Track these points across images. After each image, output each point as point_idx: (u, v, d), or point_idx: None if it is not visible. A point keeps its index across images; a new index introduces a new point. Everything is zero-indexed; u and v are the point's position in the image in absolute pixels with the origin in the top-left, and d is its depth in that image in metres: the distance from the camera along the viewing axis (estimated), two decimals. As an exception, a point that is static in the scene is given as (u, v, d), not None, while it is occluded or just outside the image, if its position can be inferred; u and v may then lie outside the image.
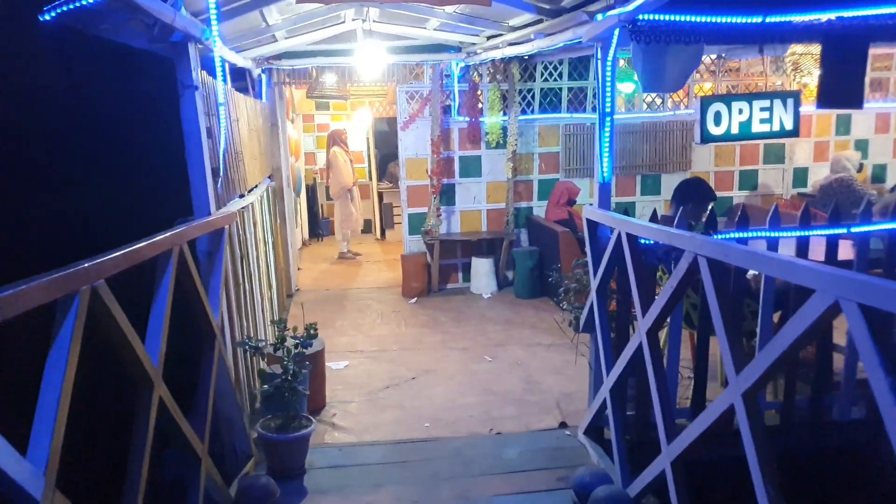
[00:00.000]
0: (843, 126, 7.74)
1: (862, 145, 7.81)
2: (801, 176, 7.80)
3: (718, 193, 7.81)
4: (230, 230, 3.50)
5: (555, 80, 7.11)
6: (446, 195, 7.06)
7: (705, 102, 3.45)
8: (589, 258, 3.49)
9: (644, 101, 7.45)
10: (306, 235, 10.17)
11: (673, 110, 7.42)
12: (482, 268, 6.99)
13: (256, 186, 5.33)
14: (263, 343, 3.63)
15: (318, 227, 10.59)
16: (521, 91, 6.96)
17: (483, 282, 7.00)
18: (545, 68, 7.07)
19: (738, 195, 7.67)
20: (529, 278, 6.76)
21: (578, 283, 3.84)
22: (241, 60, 5.31)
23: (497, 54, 5.63)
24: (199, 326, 2.75)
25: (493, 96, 6.94)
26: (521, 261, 6.77)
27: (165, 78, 3.06)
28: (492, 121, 6.98)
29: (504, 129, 7.03)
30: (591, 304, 3.44)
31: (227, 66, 4.88)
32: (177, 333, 2.51)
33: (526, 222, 7.32)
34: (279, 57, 6.47)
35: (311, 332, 3.57)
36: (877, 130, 7.81)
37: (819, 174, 7.82)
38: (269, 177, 6.52)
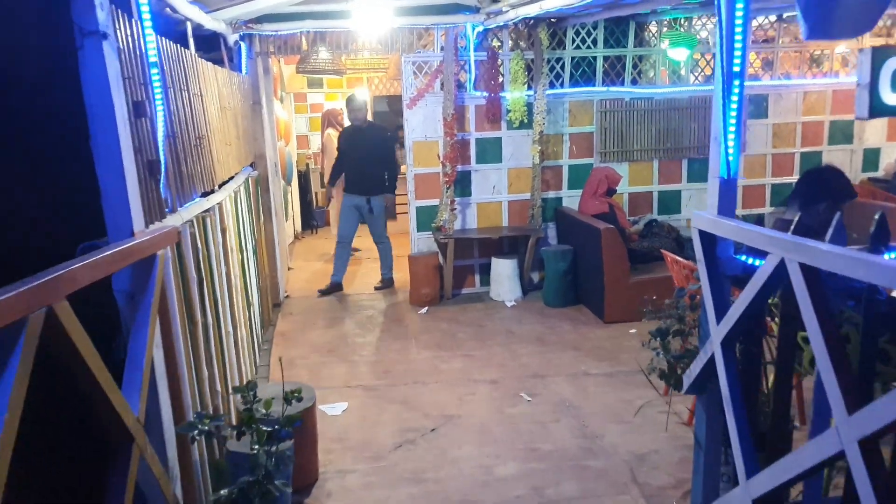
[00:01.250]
0: (920, 99, 6.64)
1: (940, 122, 6.72)
2: (871, 158, 6.72)
3: (776, 179, 6.77)
4: (177, 251, 2.44)
5: (588, 47, 6.00)
6: (461, 184, 5.99)
7: (879, 56, 2.34)
8: (705, 290, 2.42)
9: (692, 72, 6.34)
10: (299, 227, 9.10)
11: (725, 82, 6.30)
12: (504, 270, 5.93)
13: (232, 178, 4.25)
14: (223, 423, 2.53)
15: (313, 218, 9.52)
16: (548, 60, 5.85)
17: (505, 286, 5.95)
18: (577, 33, 5.95)
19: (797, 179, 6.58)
20: (562, 283, 5.70)
21: (680, 321, 2.77)
22: (209, 21, 4.20)
23: (532, 10, 4.47)
24: (103, 424, 1.70)
25: (515, 67, 5.83)
26: (551, 262, 5.71)
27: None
28: (514, 96, 5.88)
29: (529, 105, 5.93)
30: (709, 360, 2.38)
31: (189, 26, 3.79)
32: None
33: (555, 216, 6.25)
34: (260, 20, 5.34)
35: (295, 399, 2.50)
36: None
37: (893, 155, 6.74)
38: (252, 165, 5.43)
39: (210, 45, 4.97)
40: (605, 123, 6.16)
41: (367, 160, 6.10)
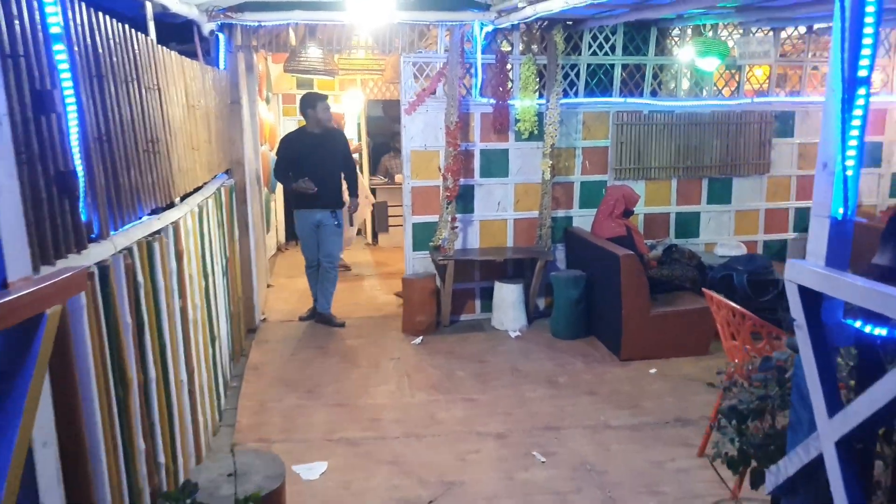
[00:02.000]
0: (957, 122, 6.17)
1: (977, 146, 6.24)
2: (900, 182, 6.23)
3: (800, 203, 6.24)
4: (103, 292, 1.81)
5: (605, 53, 5.44)
6: (462, 200, 5.40)
7: None
8: (808, 368, 1.83)
9: (716, 85, 5.81)
10: (282, 238, 8.46)
11: (751, 98, 5.79)
12: (509, 296, 5.33)
13: (200, 189, 3.64)
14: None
15: (298, 229, 8.89)
16: (562, 67, 5.28)
17: (510, 315, 5.35)
18: (594, 38, 5.40)
19: (825, 206, 6.06)
20: (573, 313, 5.11)
21: (760, 399, 2.19)
22: (175, 3, 3.58)
23: (553, 6, 3.88)
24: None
25: (526, 72, 5.26)
26: (561, 289, 5.12)
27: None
28: (524, 104, 5.30)
29: (540, 115, 5.36)
30: (813, 461, 1.78)
31: (149, 7, 3.16)
32: None
33: (564, 237, 5.67)
34: (241, 8, 4.73)
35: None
36: None
37: (924, 181, 6.25)
38: (227, 172, 4.82)
39: (184, 35, 4.36)
40: (622, 138, 5.60)
41: (332, 170, 5.29)
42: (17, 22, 1.50)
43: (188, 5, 3.91)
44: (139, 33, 2.58)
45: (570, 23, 5.27)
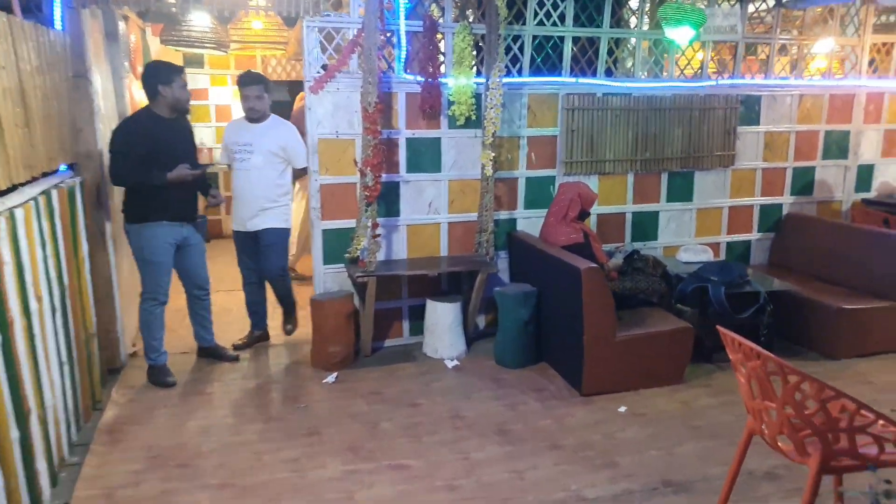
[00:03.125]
0: (920, 109, 5.70)
1: (938, 136, 5.81)
2: (865, 176, 5.70)
3: (767, 199, 5.60)
4: None
5: (554, 24, 4.56)
6: (386, 200, 4.39)
7: None
8: None
9: (678, 64, 5.05)
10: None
11: (716, 80, 5.07)
12: (444, 317, 4.38)
13: (13, 190, 2.48)
14: None
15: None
16: (504, 38, 4.35)
17: (445, 340, 4.40)
18: (540, 5, 4.50)
19: (787, 201, 5.46)
20: (521, 336, 4.22)
21: None
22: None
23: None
24: None
25: (461, 44, 4.30)
26: (508, 308, 4.22)
27: None
28: (459, 83, 4.35)
29: (478, 97, 4.42)
30: None
31: None
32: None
33: (508, 243, 4.77)
34: (82, -53, 3.52)
35: None
36: (957, 117, 5.83)
37: (888, 173, 5.75)
38: (71, 167, 3.63)
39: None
40: (573, 125, 4.74)
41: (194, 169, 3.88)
42: None
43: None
44: None
45: (513, -15, 4.36)
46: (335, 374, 4.13)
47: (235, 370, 4.22)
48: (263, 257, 4.36)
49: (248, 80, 4.22)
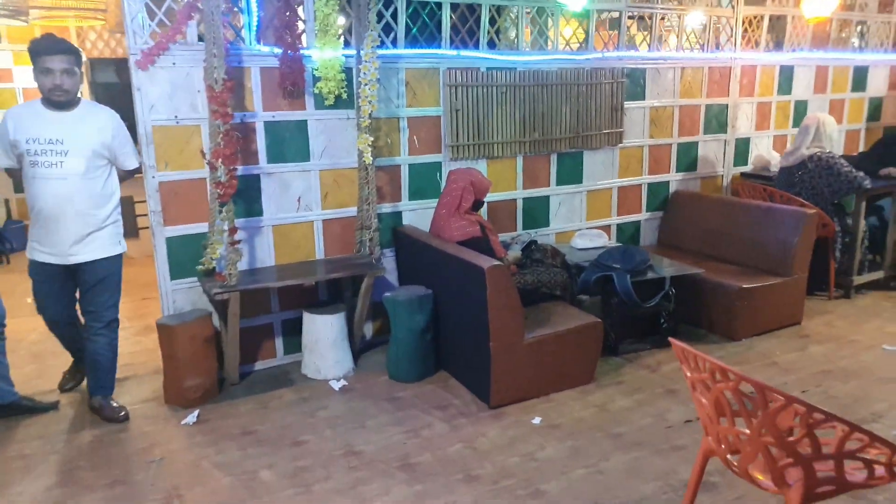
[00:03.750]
0: (786, 82, 5.79)
1: (801, 107, 5.95)
2: (742, 150, 5.72)
3: (652, 177, 5.44)
4: None
5: (429, -12, 4.03)
6: (245, 198, 3.67)
7: None
8: None
9: (563, 36, 4.70)
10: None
11: (602, 52, 4.78)
12: (326, 331, 3.75)
13: None
14: None
15: (5, 241, 6.36)
16: (374, 2, 3.74)
17: (329, 358, 3.77)
18: (413, -35, 3.95)
19: (674, 178, 5.34)
20: (418, 346, 3.69)
21: None
22: None
23: None
24: None
25: (324, 9, 3.64)
26: (401, 316, 3.67)
27: None
28: (325, 56, 3.69)
29: (348, 71, 3.79)
30: None
31: None
32: None
33: (394, 240, 4.21)
34: None
35: None
36: (816, 89, 6.01)
37: (761, 146, 5.82)
38: None
39: None
40: (456, 104, 4.25)
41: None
42: None
43: None
44: None
45: (382, -59, 3.76)
46: (196, 413, 3.38)
47: (60, 420, 3.34)
48: (89, 298, 3.25)
49: (48, 47, 2.99)
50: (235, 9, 3.53)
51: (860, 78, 6.22)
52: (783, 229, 4.38)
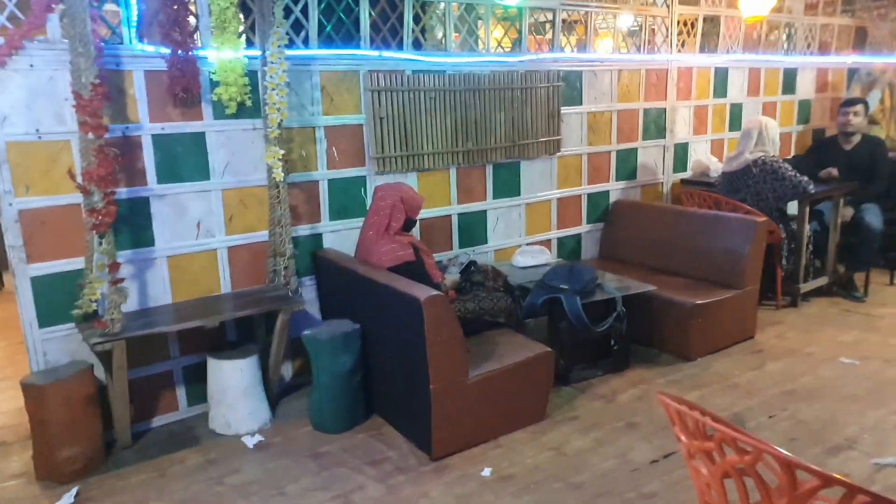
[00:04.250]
0: (721, 84, 5.63)
1: (736, 110, 5.82)
2: (681, 155, 5.51)
3: (592, 188, 5.14)
4: None
5: (345, -20, 3.56)
6: (130, 226, 3.08)
7: None
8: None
9: (495, 38, 4.32)
10: None
11: (536, 54, 4.44)
12: (235, 378, 3.19)
13: None
14: None
15: None
16: (281, -4, 3.24)
17: (240, 408, 3.22)
18: (325, -46, 3.47)
19: (615, 187, 5.06)
20: (346, 390, 3.19)
21: None
22: None
23: None
24: None
25: (221, 3, 3.11)
26: (323, 356, 3.16)
27: None
28: (224, 57, 3.16)
29: (251, 75, 3.27)
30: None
31: None
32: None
33: (313, 267, 3.70)
34: None
35: None
36: (749, 91, 5.89)
37: (699, 151, 5.63)
38: None
39: None
40: (380, 110, 3.79)
41: None
42: None
43: None
44: None
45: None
46: (74, 490, 2.77)
47: None
48: None
49: None
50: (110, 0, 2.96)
51: (790, 80, 6.16)
52: (732, 239, 4.13)
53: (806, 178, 4.48)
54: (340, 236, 3.75)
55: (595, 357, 3.86)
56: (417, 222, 3.87)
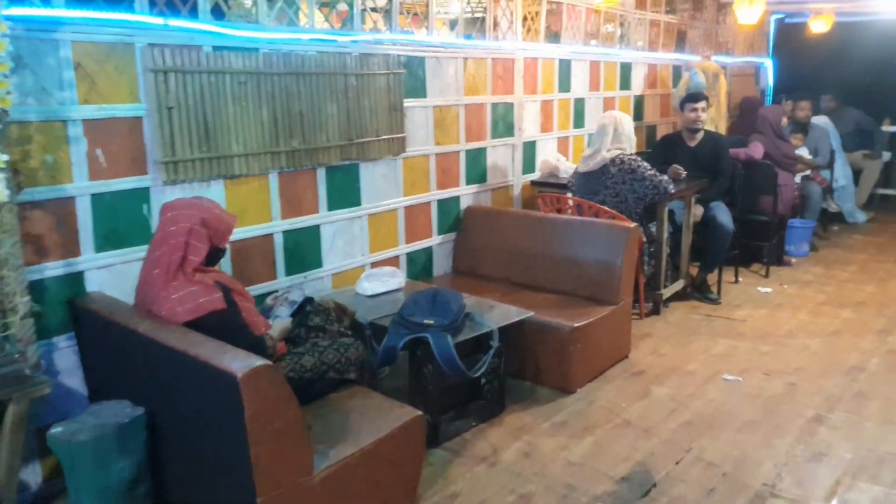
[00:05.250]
0: (565, 78, 5.25)
1: (580, 106, 5.49)
2: (529, 155, 5.03)
3: (441, 193, 4.42)
4: None
5: (101, -89, 2.48)
6: None
7: None
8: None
9: (321, 10, 3.45)
10: None
11: (371, 33, 3.64)
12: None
13: None
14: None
15: None
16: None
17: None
18: None
19: (465, 192, 4.43)
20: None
21: None
22: None
23: None
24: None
25: None
26: (82, 469, 2.10)
27: None
28: None
29: (-53, 38, 2.09)
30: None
31: None
32: None
33: (74, 321, 2.57)
34: None
35: None
36: (591, 86, 5.59)
37: (547, 150, 5.20)
38: None
39: None
40: (169, 98, 2.75)
41: None
42: None
43: None
44: None
45: None
46: None
47: None
48: None
49: None
50: None
51: (626, 75, 5.99)
52: (603, 248, 3.67)
53: (666, 178, 4.17)
54: (114, 274, 2.66)
55: (463, 399, 3.17)
56: (227, 249, 2.90)
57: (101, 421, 2.14)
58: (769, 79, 8.21)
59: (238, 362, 1.91)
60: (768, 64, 8.19)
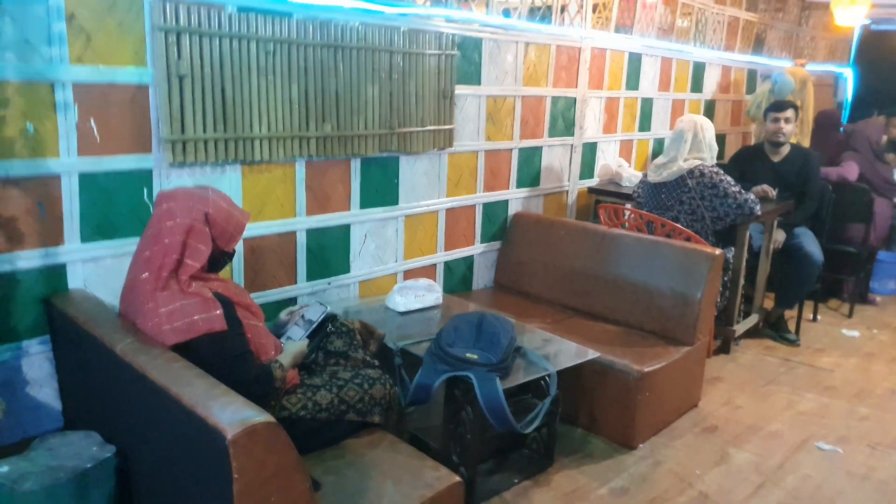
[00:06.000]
0: (634, 74, 4.68)
1: (647, 107, 4.91)
2: (588, 159, 4.48)
3: (487, 196, 3.88)
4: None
5: None
6: None
7: None
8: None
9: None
10: None
11: (423, 6, 3.13)
12: None
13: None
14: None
15: None
16: None
17: None
18: None
19: (515, 195, 3.90)
20: (81, 582, 1.69)
21: None
22: None
23: None
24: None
25: None
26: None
27: None
28: None
29: None
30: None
31: None
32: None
33: (49, 323, 2.12)
34: None
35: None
36: (661, 86, 5.01)
37: (608, 153, 4.64)
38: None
39: None
40: (181, 65, 2.28)
41: None
42: None
43: None
44: None
45: None
46: None
47: None
48: None
49: None
50: None
51: (698, 77, 5.39)
52: (679, 276, 3.11)
53: (752, 197, 3.59)
54: (103, 269, 2.21)
55: (504, 447, 2.66)
56: (239, 249, 2.44)
57: (59, 462, 1.69)
58: (848, 91, 7.51)
59: (231, 414, 1.43)
60: (848, 74, 7.48)
